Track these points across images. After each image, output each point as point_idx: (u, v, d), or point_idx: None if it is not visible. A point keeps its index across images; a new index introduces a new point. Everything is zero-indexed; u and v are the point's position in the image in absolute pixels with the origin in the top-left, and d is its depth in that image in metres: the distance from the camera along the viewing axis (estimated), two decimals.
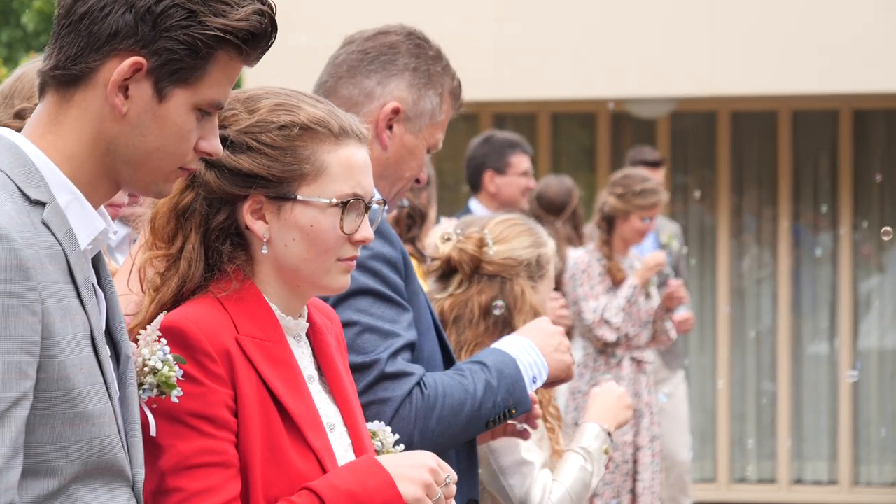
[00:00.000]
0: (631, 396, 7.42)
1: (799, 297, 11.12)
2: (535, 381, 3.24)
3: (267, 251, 2.53)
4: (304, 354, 2.59)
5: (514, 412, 3.18)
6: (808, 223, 11.18)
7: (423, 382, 3.04)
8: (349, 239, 2.54)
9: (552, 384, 3.36)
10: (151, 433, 2.33)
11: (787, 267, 11.07)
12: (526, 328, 3.38)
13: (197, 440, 2.38)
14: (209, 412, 2.40)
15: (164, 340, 2.35)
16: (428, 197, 6.01)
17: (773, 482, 11.04)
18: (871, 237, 11.07)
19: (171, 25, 2.09)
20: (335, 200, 2.52)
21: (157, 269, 2.55)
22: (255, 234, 2.53)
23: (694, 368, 10.86)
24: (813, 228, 11.18)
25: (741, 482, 11.08)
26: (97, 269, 2.18)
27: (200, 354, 2.41)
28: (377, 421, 2.82)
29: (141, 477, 2.17)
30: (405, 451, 2.73)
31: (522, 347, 3.26)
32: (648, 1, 10.17)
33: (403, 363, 3.01)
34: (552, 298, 6.80)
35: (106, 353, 2.10)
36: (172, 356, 2.34)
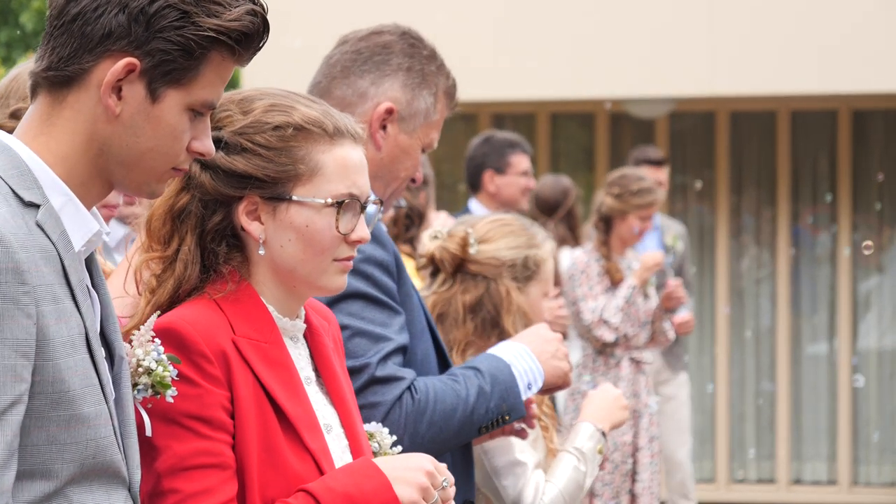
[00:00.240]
0: (630, 397, 7.42)
1: (798, 297, 11.12)
2: (530, 387, 3.23)
3: (263, 252, 2.52)
4: (301, 356, 2.58)
5: (507, 418, 3.17)
6: (807, 223, 11.18)
7: (413, 387, 3.03)
8: (345, 239, 2.54)
9: (548, 391, 3.35)
10: (147, 433, 2.33)
11: (786, 267, 11.06)
12: (523, 334, 3.37)
13: (193, 441, 2.38)
14: (205, 413, 2.39)
15: (157, 340, 2.35)
16: (426, 197, 6.00)
17: (772, 482, 11.03)
18: (869, 237, 11.07)
19: (164, 26, 2.08)
20: (330, 200, 2.51)
21: (153, 271, 2.54)
22: (250, 235, 2.52)
23: (693, 368, 10.85)
24: (812, 228, 11.17)
25: (740, 482, 11.08)
26: (90, 269, 2.18)
27: (196, 356, 2.40)
28: (374, 422, 2.81)
29: (137, 478, 2.17)
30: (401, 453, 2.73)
31: (518, 353, 3.25)
32: (647, 1, 10.17)
33: (394, 367, 3.00)
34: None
35: (101, 354, 2.10)
36: (167, 356, 2.33)
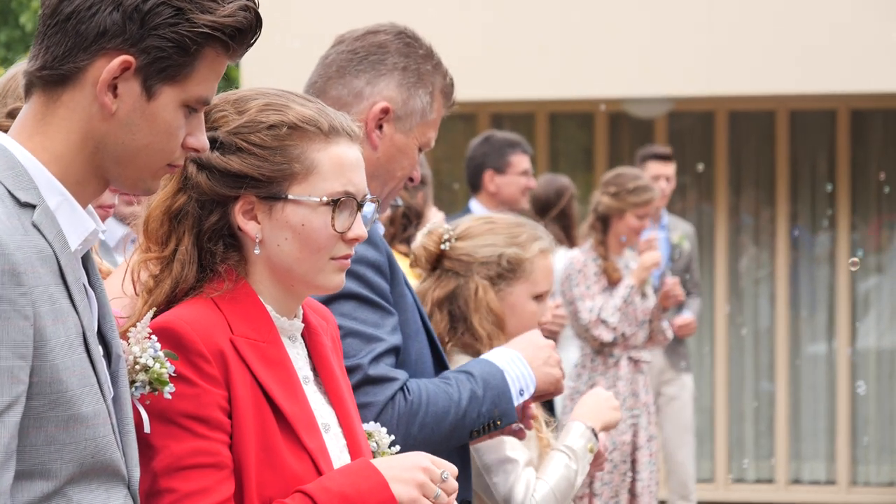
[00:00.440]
0: (629, 396, 7.42)
1: (797, 297, 11.12)
2: (522, 393, 3.23)
3: (259, 251, 2.52)
4: (299, 355, 2.58)
5: (498, 423, 3.17)
6: (805, 223, 11.18)
7: (406, 388, 3.03)
8: (342, 237, 2.54)
9: (540, 398, 3.35)
10: (146, 430, 2.33)
11: (784, 267, 11.06)
12: (516, 341, 3.37)
13: (190, 441, 2.38)
14: (202, 413, 2.39)
15: (154, 337, 2.35)
16: (424, 197, 6.00)
17: (771, 482, 11.03)
18: (870, 236, 11.07)
19: (158, 24, 2.09)
20: (325, 199, 2.51)
21: (151, 271, 2.54)
22: (247, 234, 2.52)
23: (692, 368, 10.85)
24: (811, 228, 11.18)
25: (739, 482, 11.08)
26: (86, 268, 2.18)
27: (194, 355, 2.40)
28: (373, 422, 2.81)
29: (136, 475, 2.18)
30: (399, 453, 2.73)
31: (511, 359, 3.26)
32: (646, 1, 10.17)
33: (386, 368, 3.00)
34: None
35: (99, 353, 2.10)
36: (164, 352, 2.34)
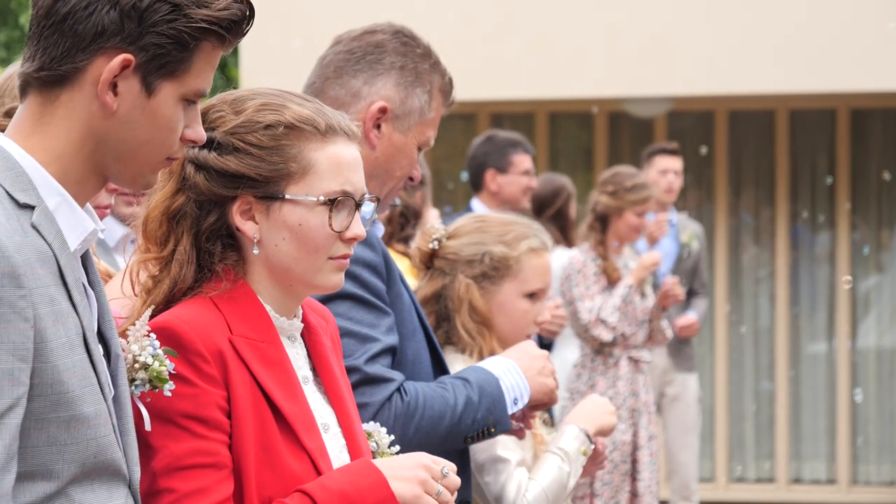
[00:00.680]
0: (629, 396, 7.43)
1: (797, 296, 11.12)
2: (516, 402, 3.24)
3: (258, 251, 2.52)
4: (298, 355, 2.58)
5: (493, 430, 3.17)
6: (806, 222, 11.18)
7: (403, 389, 3.03)
8: (340, 237, 2.53)
9: (535, 408, 3.36)
10: (146, 428, 2.33)
11: (784, 266, 11.06)
12: (511, 350, 3.38)
13: (189, 441, 2.38)
14: (202, 413, 2.39)
15: (153, 335, 2.35)
16: (422, 196, 6.00)
17: (771, 481, 11.03)
18: (869, 237, 11.07)
19: (156, 20, 2.09)
20: (322, 198, 2.51)
21: (150, 272, 2.54)
22: (244, 234, 2.52)
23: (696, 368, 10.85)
24: (811, 228, 11.18)
25: (739, 481, 11.08)
26: (86, 267, 2.18)
27: (193, 355, 2.40)
28: (373, 422, 2.81)
29: (137, 475, 2.18)
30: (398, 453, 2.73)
31: (507, 368, 3.26)
32: (646, 1, 10.17)
33: (382, 368, 3.00)
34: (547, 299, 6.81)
35: (99, 352, 2.11)
36: (163, 349, 2.34)
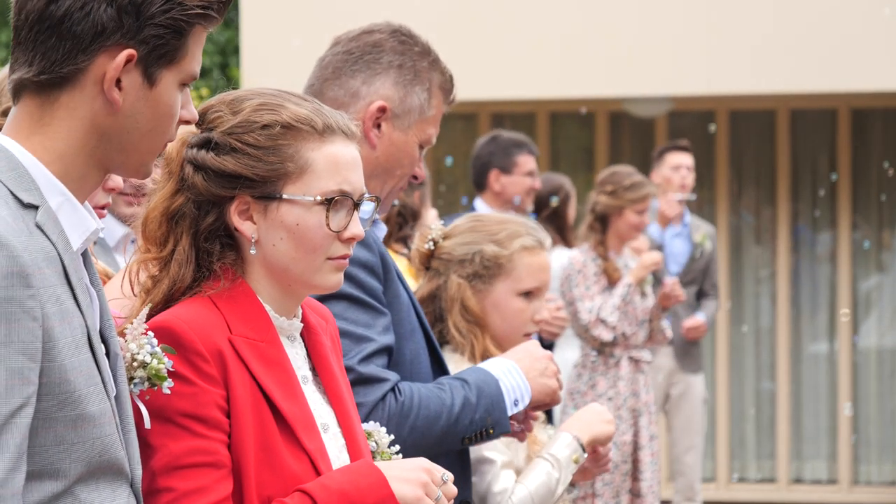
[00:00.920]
0: (629, 396, 7.42)
1: (798, 296, 11.11)
2: (517, 403, 3.23)
3: (256, 251, 2.52)
4: (297, 355, 2.58)
5: (491, 432, 3.17)
6: (807, 222, 11.17)
7: (398, 389, 3.02)
8: (338, 237, 2.53)
9: (536, 408, 3.35)
10: (146, 426, 2.33)
11: (786, 266, 11.06)
12: (514, 351, 3.37)
13: (188, 440, 2.38)
14: (201, 412, 2.39)
15: (151, 333, 2.35)
16: (420, 196, 5.99)
17: (772, 481, 11.03)
18: (869, 236, 11.07)
19: (154, 12, 2.10)
20: (319, 198, 2.51)
21: (149, 272, 2.54)
22: (243, 234, 2.52)
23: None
24: (812, 228, 11.17)
25: (741, 481, 11.07)
26: (86, 267, 2.18)
27: (193, 354, 2.40)
28: (372, 422, 2.80)
29: (139, 473, 2.18)
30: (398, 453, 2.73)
31: (507, 370, 3.25)
32: (646, 1, 10.16)
33: (377, 368, 3.00)
34: (548, 300, 6.81)
35: (102, 351, 2.12)
36: (161, 347, 2.34)
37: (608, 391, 7.43)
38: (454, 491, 2.49)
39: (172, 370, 2.35)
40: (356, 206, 2.55)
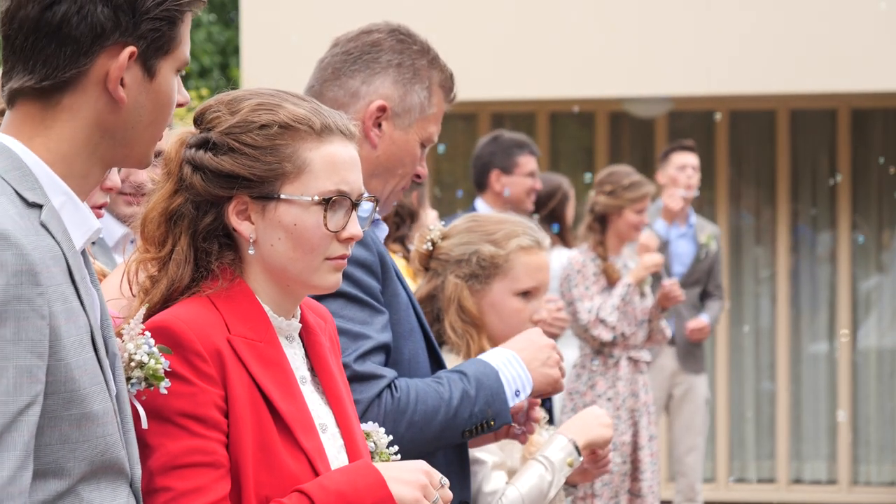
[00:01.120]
0: (628, 396, 7.42)
1: (798, 296, 11.11)
2: (518, 394, 3.22)
3: (254, 252, 2.53)
4: (296, 355, 2.58)
5: (492, 423, 3.15)
6: (806, 223, 11.17)
7: (394, 385, 3.02)
8: (336, 237, 2.53)
9: (539, 396, 3.34)
10: (143, 426, 2.33)
11: (785, 266, 11.06)
12: (516, 340, 3.35)
13: (186, 440, 2.38)
14: (199, 412, 2.39)
15: (147, 333, 2.36)
16: (418, 196, 5.97)
17: (772, 482, 11.03)
18: (869, 236, 11.07)
19: (148, 7, 2.12)
20: (317, 198, 2.51)
21: (148, 272, 2.54)
22: (241, 235, 2.53)
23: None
24: (812, 228, 11.17)
25: (740, 482, 11.07)
26: (86, 266, 2.18)
27: (191, 354, 2.41)
28: (371, 422, 2.80)
29: (138, 473, 2.19)
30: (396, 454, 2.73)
31: (507, 360, 3.24)
32: (647, 1, 10.16)
33: (373, 365, 3.00)
34: (549, 301, 6.81)
35: (104, 351, 2.12)
36: (158, 347, 2.34)
37: (607, 391, 7.43)
38: (451, 496, 2.50)
39: (170, 370, 2.35)
40: (354, 206, 2.55)
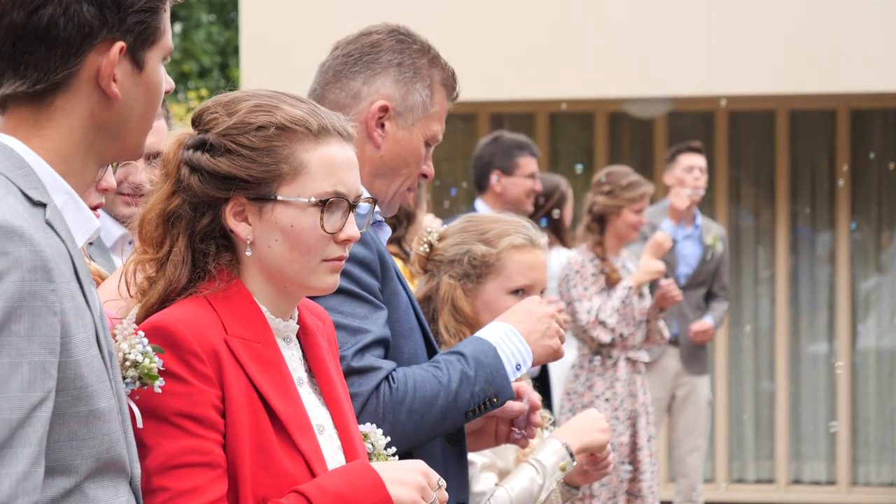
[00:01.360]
0: (627, 397, 7.42)
1: (797, 296, 11.11)
2: (518, 367, 3.21)
3: (251, 253, 2.53)
4: (293, 356, 2.59)
5: (495, 401, 3.14)
6: (806, 223, 11.17)
7: (391, 376, 3.02)
8: (333, 238, 2.54)
9: (537, 365, 3.33)
10: (139, 425, 2.34)
11: (785, 267, 11.06)
12: (514, 312, 3.33)
13: (183, 440, 2.39)
14: (196, 412, 2.40)
15: (141, 333, 2.36)
16: (415, 197, 5.97)
17: (771, 482, 11.03)
18: (869, 237, 11.07)
19: (132, 1, 2.12)
20: (314, 199, 2.51)
21: (146, 273, 2.55)
22: (238, 236, 2.53)
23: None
24: (811, 228, 11.17)
25: (739, 482, 11.08)
26: None
27: (188, 354, 2.41)
28: (369, 424, 2.81)
29: (137, 471, 2.19)
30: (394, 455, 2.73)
31: (505, 335, 3.23)
32: (646, 1, 10.17)
33: (372, 358, 3.00)
34: (549, 302, 6.81)
35: (107, 349, 2.13)
36: (151, 347, 2.35)
37: (605, 392, 7.44)
38: (447, 497, 2.50)
39: (164, 369, 2.36)
40: (352, 207, 2.55)
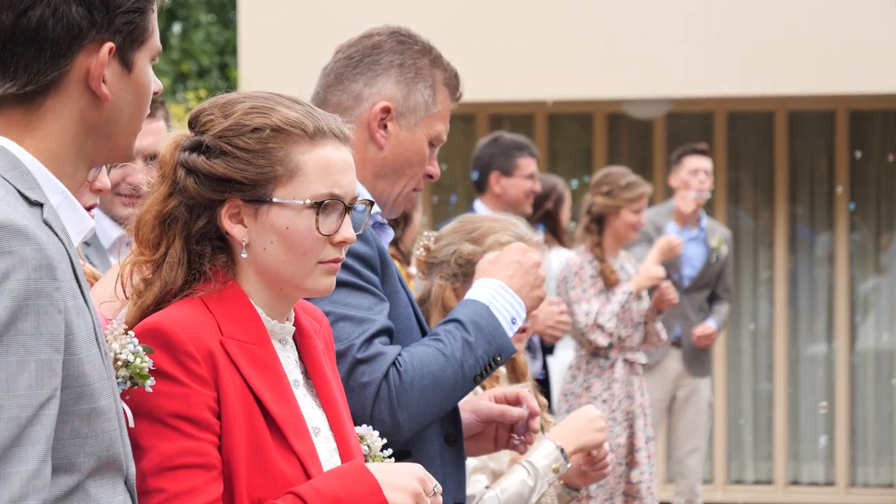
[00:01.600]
0: (624, 398, 7.43)
1: (796, 297, 11.12)
2: (514, 322, 3.22)
3: (246, 255, 2.53)
4: (289, 358, 2.59)
5: (499, 359, 3.15)
6: (805, 224, 11.18)
7: (397, 361, 3.04)
8: (329, 240, 2.54)
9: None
10: (130, 424, 2.34)
11: (783, 268, 11.06)
12: (500, 263, 3.31)
13: (179, 441, 2.39)
14: (191, 413, 2.40)
15: (131, 333, 2.36)
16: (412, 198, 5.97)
17: (769, 483, 11.03)
18: (869, 238, 11.07)
19: (120, 2, 2.12)
20: (309, 201, 2.51)
21: (143, 275, 2.55)
22: (233, 238, 2.53)
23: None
24: (810, 229, 11.17)
25: (738, 483, 11.08)
26: None
27: (183, 355, 2.41)
28: (365, 425, 2.81)
29: (132, 471, 2.19)
30: (395, 437, 2.74)
31: (496, 292, 3.23)
32: (646, 2, 10.17)
33: (378, 346, 3.01)
34: (551, 303, 6.81)
35: (105, 348, 2.14)
36: (142, 346, 2.35)
37: (603, 393, 7.44)
38: (440, 502, 2.51)
39: (158, 370, 2.36)
40: (348, 209, 2.56)
